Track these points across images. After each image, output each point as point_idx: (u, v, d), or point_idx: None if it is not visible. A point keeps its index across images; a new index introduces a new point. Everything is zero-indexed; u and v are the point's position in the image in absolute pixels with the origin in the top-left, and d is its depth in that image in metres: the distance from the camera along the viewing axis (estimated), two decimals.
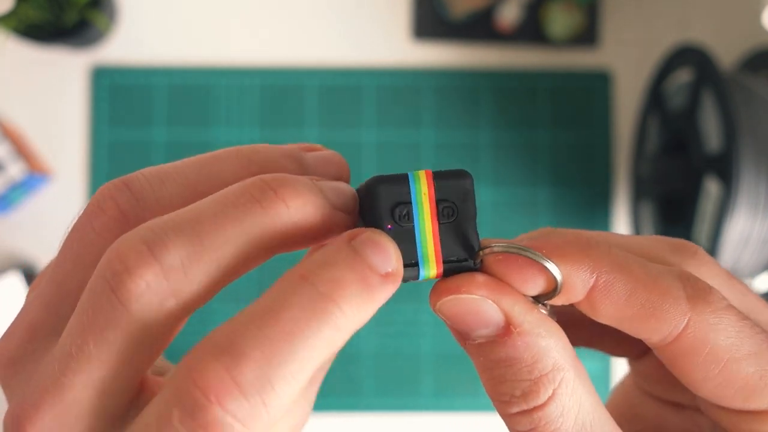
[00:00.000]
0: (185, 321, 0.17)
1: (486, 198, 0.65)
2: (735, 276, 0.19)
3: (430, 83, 0.66)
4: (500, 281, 0.17)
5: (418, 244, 0.17)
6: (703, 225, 0.51)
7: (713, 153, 0.51)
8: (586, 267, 0.17)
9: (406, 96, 0.66)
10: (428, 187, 0.17)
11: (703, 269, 0.18)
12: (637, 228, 0.62)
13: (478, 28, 0.66)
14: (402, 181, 0.17)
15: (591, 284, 0.17)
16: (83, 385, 0.16)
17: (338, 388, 0.64)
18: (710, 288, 0.17)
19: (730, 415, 0.17)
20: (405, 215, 0.17)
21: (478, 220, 0.19)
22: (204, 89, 0.66)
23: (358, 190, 0.18)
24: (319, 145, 0.20)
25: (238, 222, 0.16)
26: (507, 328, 0.16)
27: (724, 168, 0.48)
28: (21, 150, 0.61)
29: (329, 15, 0.66)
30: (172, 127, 0.65)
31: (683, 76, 0.57)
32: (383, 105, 0.66)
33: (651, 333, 0.17)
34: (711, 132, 0.52)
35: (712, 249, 0.48)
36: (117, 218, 0.17)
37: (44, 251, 0.65)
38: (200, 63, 0.66)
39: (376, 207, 0.17)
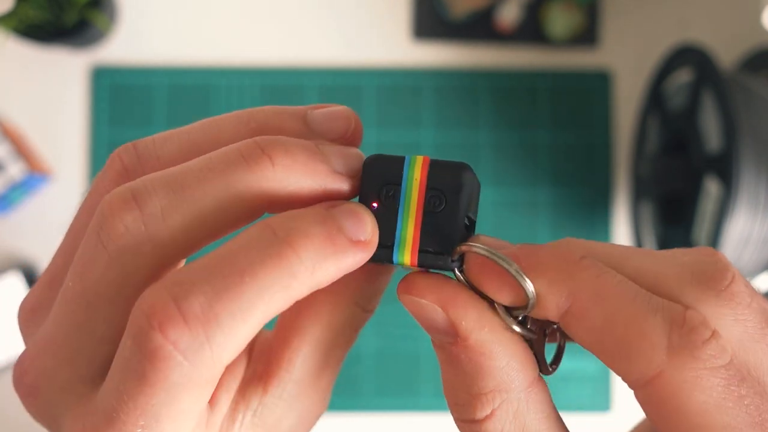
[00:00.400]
0: (163, 273, 0.17)
1: (486, 198, 0.65)
2: None
3: (429, 83, 0.66)
4: (461, 290, 0.17)
5: (397, 227, 0.17)
6: (703, 225, 0.51)
7: (713, 153, 0.51)
8: (563, 289, 0.16)
9: (406, 96, 0.66)
10: (421, 173, 0.17)
11: (724, 310, 0.15)
12: (636, 228, 0.62)
13: (478, 28, 0.66)
14: (397, 162, 0.17)
15: (565, 308, 0.16)
16: (62, 325, 0.17)
17: (338, 388, 0.63)
18: (705, 341, 0.15)
19: None
20: (392, 195, 0.17)
21: (477, 220, 0.18)
22: (204, 89, 0.66)
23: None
24: (329, 104, 0.20)
25: (221, 177, 0.16)
26: (455, 338, 0.16)
27: (724, 168, 0.48)
28: (21, 150, 0.61)
29: (329, 15, 0.66)
30: (171, 127, 0.65)
31: (683, 76, 0.57)
32: (383, 105, 0.66)
33: (622, 372, 0.16)
34: (711, 132, 0.52)
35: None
36: (120, 173, 0.18)
37: (44, 251, 0.65)
38: (200, 63, 0.66)
39: (366, 182, 0.17)
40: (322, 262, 0.16)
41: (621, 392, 0.64)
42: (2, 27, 0.58)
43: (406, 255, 0.17)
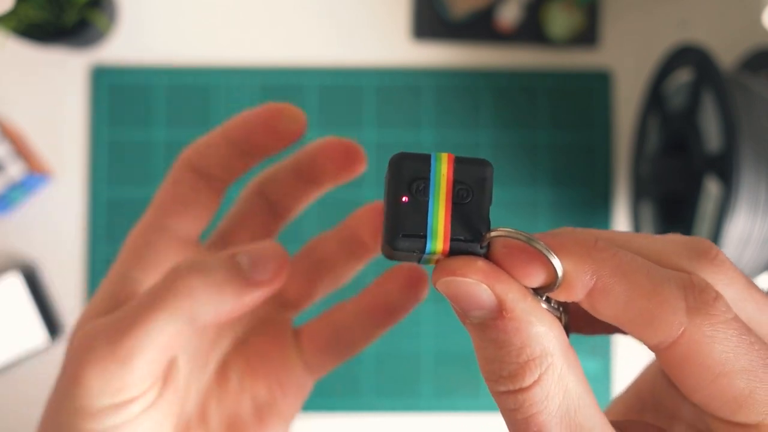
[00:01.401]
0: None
1: None
2: (756, 287, 0.19)
3: (430, 83, 0.66)
4: (499, 268, 0.18)
5: (429, 218, 0.18)
6: (703, 225, 0.51)
7: (713, 153, 0.51)
8: (587, 268, 0.17)
9: (406, 96, 0.66)
10: (448, 168, 0.18)
11: (719, 276, 0.18)
12: (637, 228, 0.62)
13: (478, 28, 0.66)
14: (424, 159, 0.18)
15: (590, 286, 0.17)
16: None
17: (338, 388, 0.64)
18: (715, 299, 0.17)
19: (718, 423, 0.18)
20: (422, 189, 0.18)
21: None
22: (204, 89, 0.66)
23: (388, 164, 0.19)
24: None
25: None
26: (500, 312, 0.17)
27: (725, 168, 0.48)
28: (21, 150, 0.61)
29: (329, 15, 0.66)
30: (171, 127, 0.65)
31: (683, 76, 0.57)
32: (383, 105, 0.66)
33: (647, 338, 0.17)
34: (711, 132, 0.52)
35: None
36: None
37: (44, 251, 0.65)
38: (200, 63, 0.66)
39: (395, 178, 0.18)
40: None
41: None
42: (2, 27, 0.58)
43: (439, 243, 0.18)
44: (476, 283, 0.17)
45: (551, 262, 0.17)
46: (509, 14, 0.64)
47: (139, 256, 0.24)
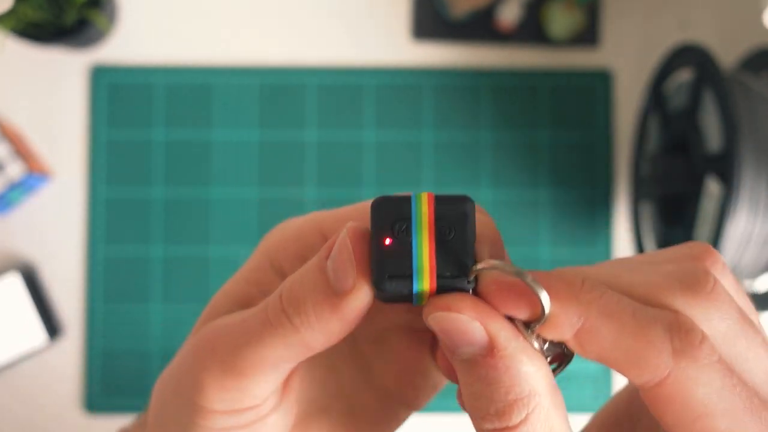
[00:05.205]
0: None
1: (486, 198, 0.65)
2: (749, 321, 0.19)
3: (430, 83, 0.66)
4: (490, 306, 0.18)
5: (414, 258, 0.18)
6: (704, 225, 0.51)
7: (714, 153, 0.50)
8: (574, 310, 0.17)
9: (406, 96, 0.66)
10: (428, 207, 0.18)
11: (711, 311, 0.18)
12: (637, 228, 0.62)
13: (478, 27, 0.65)
14: (405, 200, 0.19)
15: (578, 327, 0.17)
16: None
17: None
18: (701, 342, 0.17)
19: None
20: (404, 230, 0.18)
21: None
22: (203, 89, 0.66)
23: (370, 207, 0.20)
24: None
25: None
26: (491, 350, 0.17)
27: (725, 168, 0.47)
28: (20, 150, 0.61)
29: (329, 14, 0.66)
30: (171, 127, 0.65)
31: (684, 76, 0.57)
32: (383, 105, 0.66)
33: (633, 377, 0.17)
34: (712, 132, 0.52)
35: None
36: None
37: (43, 251, 0.64)
38: (199, 62, 0.66)
39: (378, 221, 0.18)
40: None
41: None
42: (1, 27, 0.58)
43: (425, 281, 0.18)
44: (469, 320, 0.17)
45: (539, 297, 0.17)
46: (509, 14, 0.64)
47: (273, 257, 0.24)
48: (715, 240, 0.48)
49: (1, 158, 0.60)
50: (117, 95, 0.65)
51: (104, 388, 0.64)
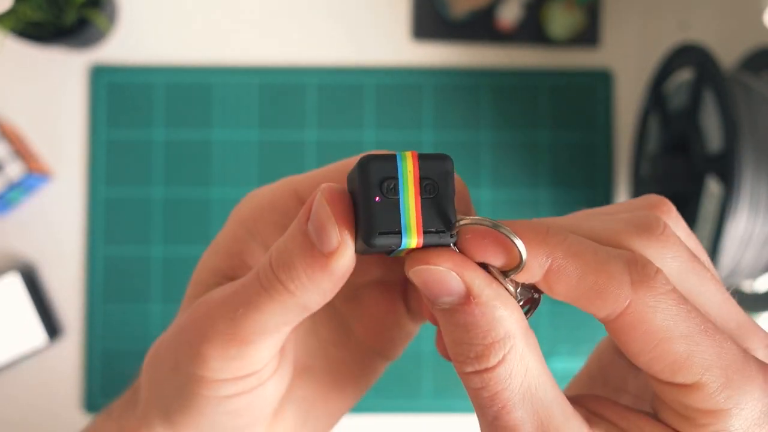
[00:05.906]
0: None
1: (486, 198, 0.65)
2: (699, 260, 0.20)
3: (430, 83, 0.66)
4: (467, 258, 0.19)
5: (402, 215, 0.19)
6: (704, 225, 0.51)
7: (714, 153, 0.50)
8: (542, 252, 0.19)
9: (406, 96, 0.66)
10: (413, 166, 0.19)
11: (664, 251, 0.20)
12: None
13: (478, 27, 0.65)
14: (391, 159, 0.19)
15: (546, 267, 0.19)
16: None
17: None
18: (656, 273, 0.19)
19: (660, 385, 0.19)
20: (392, 188, 0.19)
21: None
22: (203, 88, 0.65)
23: (353, 168, 0.20)
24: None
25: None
26: (467, 298, 0.19)
27: (725, 168, 0.47)
28: (20, 150, 0.61)
29: (329, 14, 0.66)
30: (171, 127, 0.65)
31: (684, 76, 0.57)
32: (383, 105, 0.66)
33: (597, 311, 0.19)
34: (712, 132, 0.52)
35: (714, 249, 0.48)
36: None
37: (43, 251, 0.64)
38: (199, 62, 0.66)
39: (366, 180, 0.19)
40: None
41: None
42: (1, 27, 0.58)
43: (413, 237, 0.19)
44: (446, 271, 0.19)
45: (515, 244, 0.19)
46: (509, 14, 0.64)
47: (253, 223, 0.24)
48: (716, 240, 0.48)
49: (1, 158, 0.60)
50: (117, 95, 0.65)
51: (104, 388, 0.64)
